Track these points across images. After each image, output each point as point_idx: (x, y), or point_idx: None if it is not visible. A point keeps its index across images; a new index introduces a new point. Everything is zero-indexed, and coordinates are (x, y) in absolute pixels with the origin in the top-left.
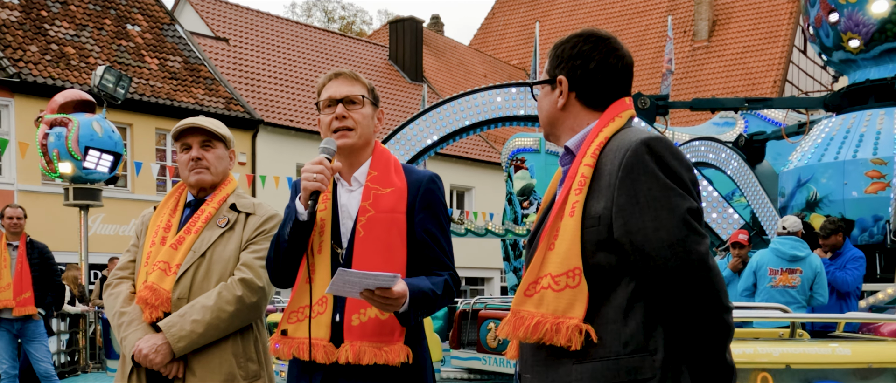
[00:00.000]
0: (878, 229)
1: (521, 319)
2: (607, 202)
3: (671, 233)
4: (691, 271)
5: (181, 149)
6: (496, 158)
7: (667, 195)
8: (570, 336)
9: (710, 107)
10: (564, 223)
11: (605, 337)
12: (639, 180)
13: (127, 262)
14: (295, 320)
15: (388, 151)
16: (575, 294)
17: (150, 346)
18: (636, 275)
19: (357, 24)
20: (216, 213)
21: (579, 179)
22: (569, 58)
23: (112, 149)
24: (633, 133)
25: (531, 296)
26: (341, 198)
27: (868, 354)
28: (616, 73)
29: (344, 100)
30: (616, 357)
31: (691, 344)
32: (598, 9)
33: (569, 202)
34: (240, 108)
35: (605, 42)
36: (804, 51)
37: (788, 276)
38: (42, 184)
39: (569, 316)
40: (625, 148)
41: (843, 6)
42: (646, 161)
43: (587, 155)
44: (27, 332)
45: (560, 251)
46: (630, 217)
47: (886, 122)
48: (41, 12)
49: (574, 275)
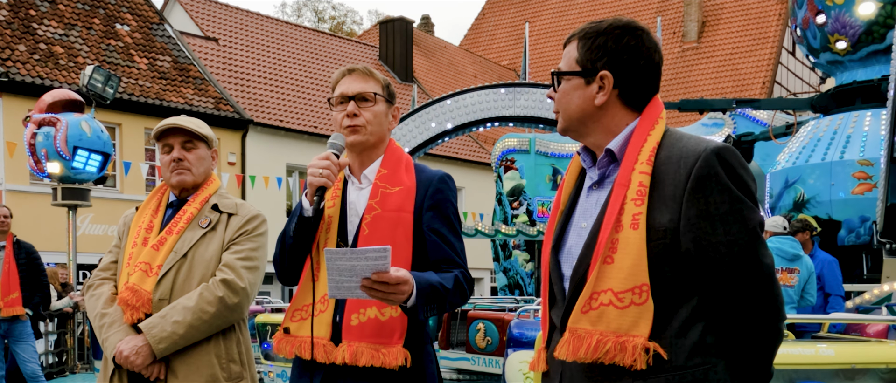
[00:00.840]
0: (864, 230)
1: (580, 338)
2: (674, 214)
3: (743, 247)
4: (760, 282)
5: (163, 149)
6: (486, 159)
7: (739, 209)
8: (637, 355)
9: (699, 107)
10: (625, 235)
11: (669, 351)
12: (711, 193)
13: (109, 263)
14: (298, 318)
15: (401, 150)
16: (641, 311)
17: (130, 348)
18: (698, 288)
19: (347, 24)
20: (198, 214)
21: (637, 188)
22: (613, 51)
23: (101, 148)
24: (694, 140)
25: (587, 313)
26: (350, 196)
27: (852, 355)
28: (658, 71)
29: (356, 97)
30: (680, 371)
31: (745, 352)
32: (588, 10)
33: (626, 213)
34: (229, 108)
35: (648, 36)
36: (793, 52)
37: (787, 276)
38: (30, 184)
39: (633, 334)
40: (692, 157)
41: (830, 8)
42: (719, 172)
43: (641, 162)
44: (14, 333)
45: (623, 266)
46: (702, 231)
47: (873, 124)
48: (29, 11)
49: (641, 291)
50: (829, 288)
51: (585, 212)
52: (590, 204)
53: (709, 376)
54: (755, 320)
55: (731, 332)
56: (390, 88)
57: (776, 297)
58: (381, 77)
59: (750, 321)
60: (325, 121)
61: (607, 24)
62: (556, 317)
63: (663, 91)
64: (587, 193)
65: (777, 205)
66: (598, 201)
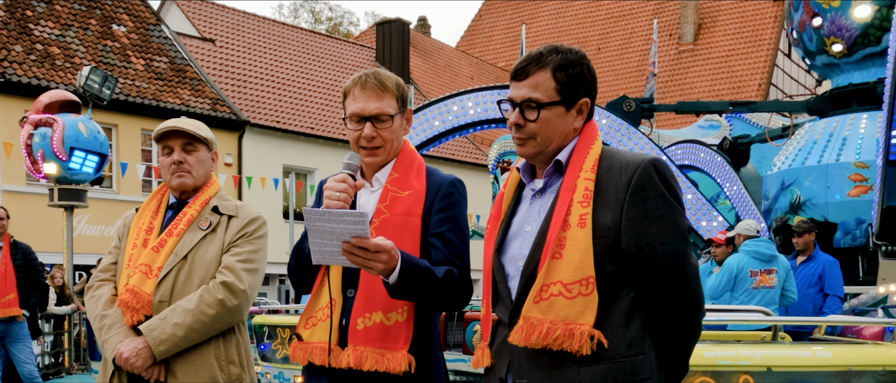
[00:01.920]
0: (860, 232)
1: (532, 325)
2: (615, 216)
3: (675, 247)
4: (686, 279)
5: (163, 151)
6: (483, 160)
7: (672, 213)
8: (583, 341)
9: (695, 110)
10: (573, 233)
11: (611, 340)
12: (649, 198)
13: (108, 264)
14: (310, 325)
15: (414, 152)
16: (587, 301)
17: (130, 350)
18: (636, 282)
19: (344, 25)
20: (198, 216)
21: (584, 192)
22: (586, 79)
23: (97, 149)
24: (631, 153)
25: (538, 303)
26: (361, 199)
27: (849, 357)
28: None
29: (372, 118)
30: (621, 359)
31: (670, 343)
32: (584, 12)
33: (573, 213)
34: (226, 109)
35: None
36: (788, 54)
37: (767, 277)
38: (26, 185)
39: (580, 322)
40: (632, 166)
41: (826, 11)
42: (655, 180)
43: (585, 170)
44: (11, 334)
45: (572, 260)
46: (640, 230)
47: (869, 126)
48: (26, 12)
49: (587, 283)
50: (829, 289)
51: (529, 218)
52: (533, 210)
53: (644, 365)
54: (680, 312)
55: (659, 324)
56: (402, 91)
57: (697, 293)
58: (394, 84)
59: (675, 312)
60: (321, 122)
61: (574, 54)
62: (503, 313)
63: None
64: (530, 202)
65: (773, 207)
66: (542, 207)
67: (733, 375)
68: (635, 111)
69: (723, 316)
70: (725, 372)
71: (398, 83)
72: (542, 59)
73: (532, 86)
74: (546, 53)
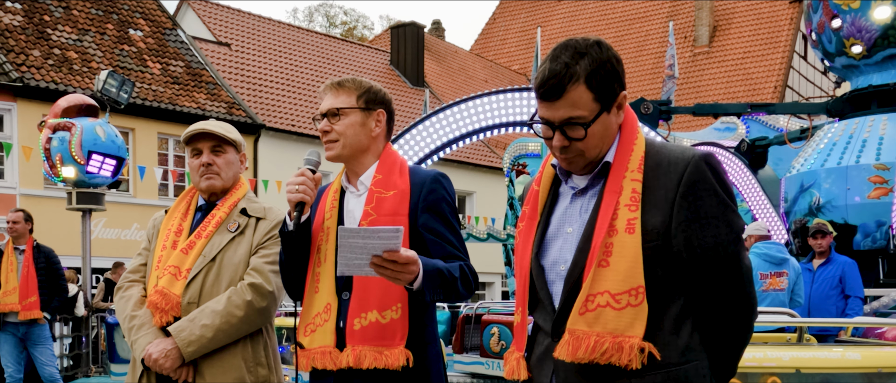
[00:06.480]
0: (881, 234)
1: (578, 339)
2: (665, 217)
3: (729, 248)
4: (741, 281)
5: (191, 154)
6: (498, 163)
7: (725, 213)
8: (632, 355)
9: (713, 112)
10: (621, 239)
11: (663, 350)
12: (701, 197)
13: (138, 266)
14: (309, 332)
15: (396, 154)
16: (637, 312)
17: (159, 351)
18: (685, 288)
19: (358, 29)
20: (227, 218)
21: (631, 195)
22: (616, 73)
23: (115, 153)
24: (678, 147)
25: (584, 315)
26: (348, 204)
27: (877, 359)
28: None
29: (327, 113)
30: (674, 367)
31: (723, 346)
32: (599, 14)
33: (621, 218)
34: (242, 113)
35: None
36: (804, 56)
37: (777, 280)
38: (44, 189)
39: (629, 334)
40: (682, 163)
41: (845, 12)
42: (708, 178)
43: (631, 170)
44: (32, 336)
45: (620, 269)
46: (692, 232)
47: (889, 128)
48: (44, 17)
49: (637, 293)
50: (850, 290)
51: (569, 218)
52: (574, 210)
53: (698, 371)
54: (734, 315)
55: (711, 328)
56: (370, 95)
57: (752, 295)
58: (359, 85)
59: (729, 316)
60: None
61: (597, 50)
62: (545, 321)
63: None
64: (570, 200)
65: (792, 209)
66: (584, 208)
67: (761, 376)
68: (653, 113)
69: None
70: (753, 373)
71: (361, 83)
72: (571, 70)
73: (570, 105)
74: (570, 62)
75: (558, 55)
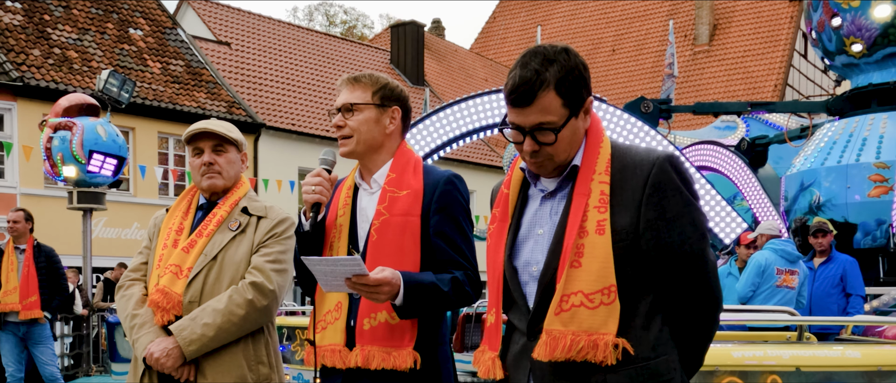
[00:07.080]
0: (881, 233)
1: (556, 339)
2: (632, 217)
3: (694, 245)
4: (706, 277)
5: (193, 153)
6: (498, 162)
7: (690, 211)
8: (607, 351)
9: (713, 111)
10: (591, 240)
11: (635, 345)
12: (666, 197)
13: (139, 264)
14: (320, 329)
15: (411, 152)
16: (609, 310)
17: (161, 350)
18: (655, 283)
19: (358, 27)
20: (228, 217)
21: (600, 196)
22: (583, 79)
23: (116, 152)
24: (643, 148)
25: (559, 315)
26: (361, 202)
27: (878, 357)
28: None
29: (342, 108)
30: (646, 361)
31: (690, 340)
32: (598, 13)
33: (590, 220)
34: (242, 112)
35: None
36: (805, 55)
37: (789, 277)
38: (45, 188)
39: (603, 331)
40: (647, 164)
41: (845, 10)
42: (672, 179)
43: (599, 172)
44: (33, 336)
45: (592, 269)
46: (659, 231)
47: (889, 126)
48: (44, 16)
49: (609, 292)
50: (851, 289)
51: (540, 220)
52: (544, 212)
53: (668, 364)
54: (700, 310)
55: (680, 323)
56: (386, 91)
57: (716, 290)
58: (375, 81)
59: (696, 311)
60: None
61: (565, 57)
62: (519, 321)
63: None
64: (540, 202)
65: (792, 207)
66: (553, 210)
67: (761, 375)
68: (653, 112)
69: (747, 316)
70: (753, 372)
71: (377, 79)
72: (542, 76)
73: (541, 110)
74: (540, 68)
75: (528, 62)
